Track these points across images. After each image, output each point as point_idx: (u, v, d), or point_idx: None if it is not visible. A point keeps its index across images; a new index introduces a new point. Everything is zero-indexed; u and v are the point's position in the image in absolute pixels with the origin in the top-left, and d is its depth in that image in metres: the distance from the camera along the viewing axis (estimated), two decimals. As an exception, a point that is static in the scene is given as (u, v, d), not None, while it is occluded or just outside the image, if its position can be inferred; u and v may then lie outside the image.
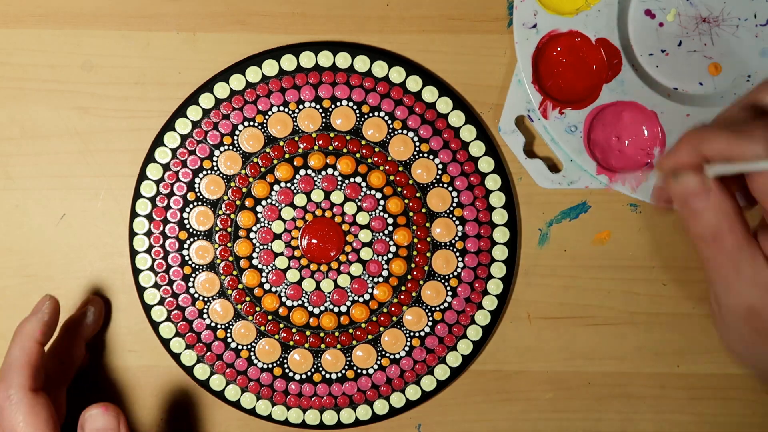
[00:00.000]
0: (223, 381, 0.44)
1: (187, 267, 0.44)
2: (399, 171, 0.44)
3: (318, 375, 0.44)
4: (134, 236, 0.43)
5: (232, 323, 0.44)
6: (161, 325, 0.44)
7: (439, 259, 0.44)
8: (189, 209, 0.44)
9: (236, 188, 0.44)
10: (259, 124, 0.43)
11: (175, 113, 0.43)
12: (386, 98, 0.43)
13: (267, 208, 0.44)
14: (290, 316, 0.44)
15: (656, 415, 0.46)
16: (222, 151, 0.43)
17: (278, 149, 0.43)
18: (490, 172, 0.44)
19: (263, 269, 0.44)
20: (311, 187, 0.44)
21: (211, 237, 0.44)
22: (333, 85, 0.43)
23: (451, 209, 0.44)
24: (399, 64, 0.43)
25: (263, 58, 0.43)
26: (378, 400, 0.44)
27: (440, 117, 0.44)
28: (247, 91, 0.43)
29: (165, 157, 0.43)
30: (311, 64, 0.43)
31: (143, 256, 0.43)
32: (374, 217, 0.44)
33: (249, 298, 0.44)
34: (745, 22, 0.43)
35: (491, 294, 0.44)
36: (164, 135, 0.43)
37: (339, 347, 0.44)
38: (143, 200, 0.43)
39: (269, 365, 0.44)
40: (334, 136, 0.43)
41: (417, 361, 0.44)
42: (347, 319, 0.44)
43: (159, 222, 0.43)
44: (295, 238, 0.44)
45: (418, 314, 0.44)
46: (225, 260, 0.44)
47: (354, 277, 0.44)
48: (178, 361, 0.44)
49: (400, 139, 0.44)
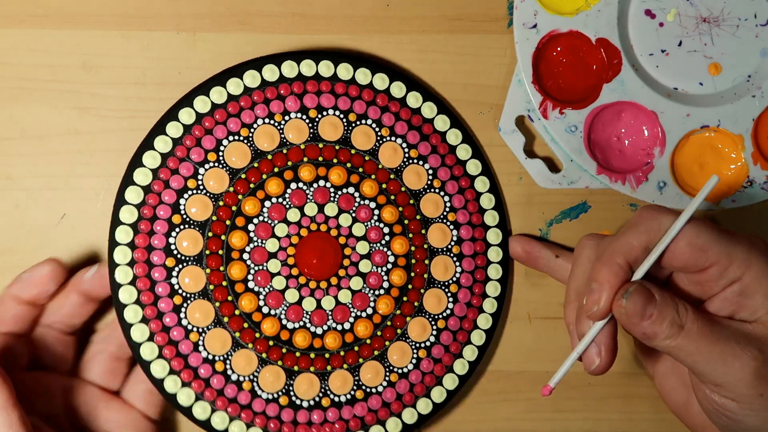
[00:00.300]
0: (225, 419, 0.41)
1: (177, 296, 0.41)
2: (391, 179, 0.43)
3: (326, 399, 0.42)
4: (115, 267, 0.40)
5: (230, 353, 0.41)
6: (152, 363, 0.40)
7: (437, 266, 0.43)
8: (175, 233, 0.41)
9: (225, 207, 0.41)
10: (245, 138, 0.41)
11: (153, 131, 0.41)
12: (372, 105, 0.42)
13: (259, 226, 0.42)
14: (292, 339, 0.42)
15: (656, 415, 0.46)
16: (207, 169, 0.41)
17: (266, 163, 0.42)
18: (478, 175, 0.44)
19: (260, 291, 0.42)
20: (304, 201, 0.42)
21: (201, 261, 0.41)
22: (318, 94, 0.42)
23: (444, 214, 0.43)
24: (382, 70, 0.42)
25: (244, 69, 0.41)
26: (390, 419, 0.43)
27: (426, 122, 0.43)
28: (230, 104, 0.41)
29: (145, 179, 0.41)
30: (294, 73, 0.42)
31: (127, 288, 0.40)
32: (370, 227, 0.43)
33: (247, 324, 0.41)
34: (745, 22, 0.43)
35: (491, 297, 0.44)
36: (143, 155, 0.41)
37: (345, 367, 0.42)
38: (123, 227, 0.40)
39: (274, 395, 0.42)
40: (323, 147, 0.42)
41: (425, 373, 0.43)
42: (351, 337, 0.42)
43: (143, 250, 0.41)
44: (292, 255, 0.42)
45: (422, 324, 0.43)
46: (218, 285, 0.41)
47: (355, 292, 0.43)
48: (173, 403, 0.41)
49: (390, 147, 0.43)
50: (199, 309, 0.41)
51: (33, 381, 0.39)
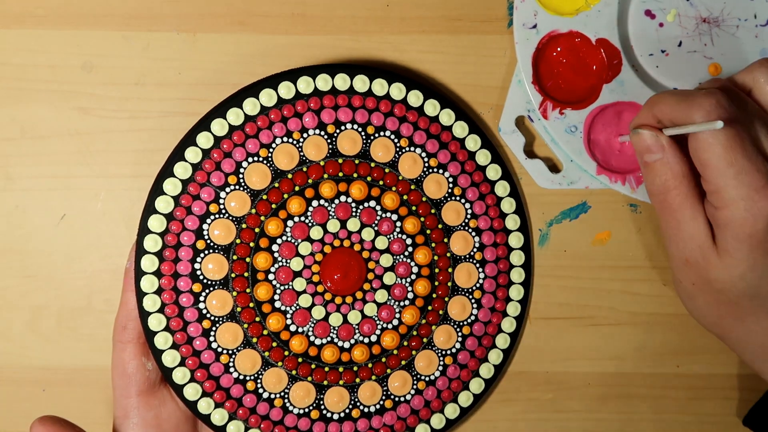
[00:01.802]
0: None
1: (205, 321, 0.41)
2: (411, 190, 0.43)
3: (356, 411, 0.43)
4: (143, 296, 0.40)
5: (261, 372, 0.42)
6: (185, 387, 0.41)
7: (461, 273, 0.43)
8: (200, 258, 0.41)
9: (248, 229, 0.41)
10: (264, 159, 0.41)
11: (171, 158, 0.40)
12: (390, 116, 0.42)
13: (283, 246, 0.42)
14: (321, 355, 0.42)
15: (656, 415, 0.46)
16: (228, 192, 0.41)
17: (287, 183, 0.41)
18: (499, 179, 0.44)
19: (287, 310, 0.42)
20: (326, 218, 0.42)
21: (227, 285, 0.41)
22: (335, 108, 0.41)
23: (466, 221, 0.43)
24: (398, 80, 0.42)
25: (260, 88, 0.41)
26: (420, 425, 0.43)
27: (445, 129, 0.43)
28: (248, 125, 0.41)
29: (167, 206, 0.40)
30: (310, 89, 0.41)
31: (156, 316, 0.40)
32: (393, 240, 0.43)
33: (276, 343, 0.42)
34: (745, 23, 0.43)
35: (514, 300, 0.44)
36: (163, 182, 0.40)
37: (374, 378, 0.43)
38: (149, 256, 0.40)
39: (305, 410, 0.42)
40: (343, 162, 0.42)
41: (452, 379, 0.43)
42: (378, 349, 0.43)
43: (169, 277, 0.41)
44: (316, 273, 0.42)
45: (448, 332, 0.43)
46: (245, 307, 0.41)
47: (380, 305, 0.43)
48: (208, 423, 0.41)
49: (409, 157, 0.42)
50: (227, 331, 0.41)
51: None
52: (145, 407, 0.40)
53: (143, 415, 0.40)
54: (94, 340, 0.45)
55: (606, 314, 0.46)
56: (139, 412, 0.40)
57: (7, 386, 0.45)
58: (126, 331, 0.40)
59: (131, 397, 0.40)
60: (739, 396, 0.46)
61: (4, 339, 0.45)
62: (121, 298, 0.41)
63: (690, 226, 0.37)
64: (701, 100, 0.35)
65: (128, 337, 0.40)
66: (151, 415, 0.40)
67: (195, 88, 0.44)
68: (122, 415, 0.40)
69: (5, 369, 0.45)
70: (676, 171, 0.37)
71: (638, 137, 0.37)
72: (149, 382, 0.40)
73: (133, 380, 0.40)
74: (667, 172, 0.37)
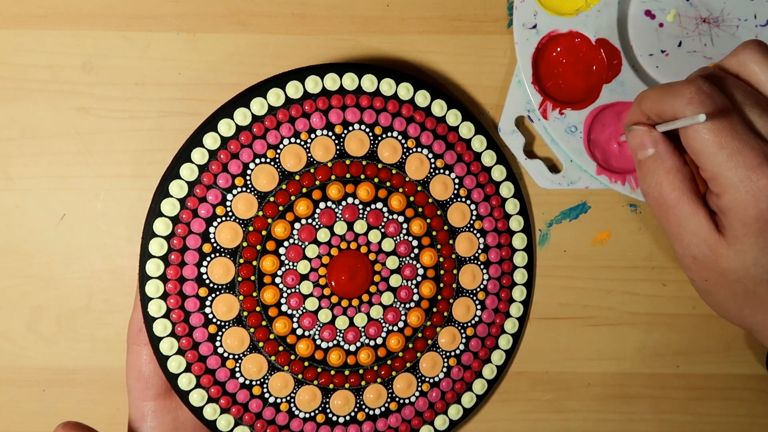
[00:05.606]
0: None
1: (211, 326, 0.40)
2: (418, 191, 0.42)
3: (362, 413, 0.43)
4: (148, 301, 0.39)
5: (267, 377, 0.41)
6: (190, 393, 0.40)
7: (465, 275, 0.43)
8: (206, 262, 0.40)
9: (255, 232, 0.40)
10: (272, 160, 0.40)
11: (177, 159, 0.39)
12: (398, 117, 0.42)
13: (290, 249, 0.41)
14: (327, 358, 0.42)
15: (656, 415, 0.46)
16: (235, 195, 0.40)
17: (294, 184, 0.41)
18: (503, 180, 0.44)
19: (293, 314, 0.41)
20: (333, 220, 0.41)
21: (233, 289, 0.40)
22: (343, 108, 0.41)
23: (471, 222, 0.43)
24: (406, 80, 0.42)
25: (267, 88, 0.40)
26: (423, 427, 0.43)
27: (451, 130, 0.43)
28: (255, 125, 0.40)
29: (173, 209, 0.39)
30: (318, 88, 0.40)
31: (161, 321, 0.40)
32: (399, 241, 0.42)
33: (282, 347, 0.41)
34: (745, 23, 0.43)
35: (517, 301, 0.44)
36: (169, 184, 0.39)
37: (379, 381, 0.43)
38: (154, 260, 0.39)
39: (311, 413, 0.42)
40: (350, 163, 0.41)
41: (456, 380, 0.44)
42: (384, 351, 0.43)
43: (175, 282, 0.40)
44: (323, 276, 0.42)
45: (452, 334, 0.43)
46: (252, 311, 0.41)
47: (386, 307, 0.43)
48: (213, 429, 0.41)
49: (416, 158, 0.42)
50: (234, 336, 0.41)
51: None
52: (162, 410, 0.40)
53: (161, 418, 0.40)
54: (94, 341, 0.45)
55: (606, 314, 0.46)
56: (156, 415, 0.40)
57: (7, 387, 0.45)
58: (141, 333, 0.40)
59: (148, 400, 0.40)
60: (739, 396, 0.46)
61: (4, 339, 0.45)
62: (134, 301, 0.40)
63: (691, 222, 0.36)
64: (681, 88, 0.34)
65: (144, 340, 0.40)
66: (168, 419, 0.40)
67: (195, 88, 0.44)
68: (139, 418, 0.39)
69: (5, 369, 0.45)
70: (668, 165, 0.36)
71: (631, 134, 0.37)
72: (167, 385, 0.40)
73: (151, 383, 0.40)
74: (659, 167, 0.36)
